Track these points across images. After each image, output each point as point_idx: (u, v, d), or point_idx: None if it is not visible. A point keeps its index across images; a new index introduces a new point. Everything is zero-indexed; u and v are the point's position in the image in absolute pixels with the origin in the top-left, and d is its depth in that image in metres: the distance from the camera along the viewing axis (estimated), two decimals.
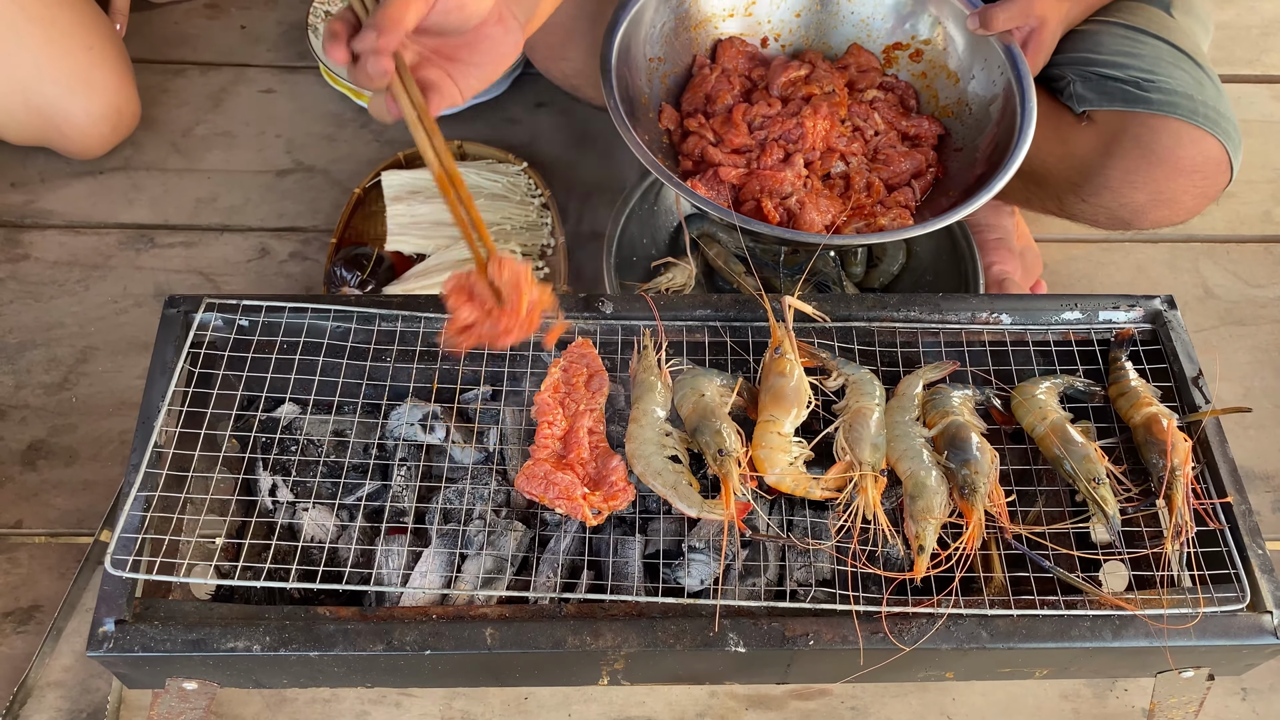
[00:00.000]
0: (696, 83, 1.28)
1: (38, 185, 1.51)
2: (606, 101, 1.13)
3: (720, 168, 1.20)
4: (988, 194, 1.10)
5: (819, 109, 1.23)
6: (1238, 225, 1.58)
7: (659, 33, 1.25)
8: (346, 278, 1.33)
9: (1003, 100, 1.21)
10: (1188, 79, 1.22)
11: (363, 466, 0.96)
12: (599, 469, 0.92)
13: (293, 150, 1.59)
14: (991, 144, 1.21)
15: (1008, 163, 1.13)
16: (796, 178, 1.19)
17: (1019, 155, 1.13)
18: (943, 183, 1.26)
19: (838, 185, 1.22)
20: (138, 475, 0.88)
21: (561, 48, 1.38)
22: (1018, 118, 1.17)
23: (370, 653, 0.83)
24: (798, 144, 1.22)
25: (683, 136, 1.25)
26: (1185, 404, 0.98)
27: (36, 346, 1.35)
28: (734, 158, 1.22)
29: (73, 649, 1.11)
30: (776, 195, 1.17)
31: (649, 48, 1.25)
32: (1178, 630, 0.85)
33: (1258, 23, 1.85)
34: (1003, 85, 1.22)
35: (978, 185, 1.15)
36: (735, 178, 1.19)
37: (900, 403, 0.97)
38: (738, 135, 1.22)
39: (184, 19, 1.75)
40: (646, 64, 1.24)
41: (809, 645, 0.84)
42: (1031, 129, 1.16)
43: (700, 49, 1.31)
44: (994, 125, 1.22)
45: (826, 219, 1.18)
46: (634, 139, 1.10)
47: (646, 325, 1.01)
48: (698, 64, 1.30)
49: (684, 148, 1.24)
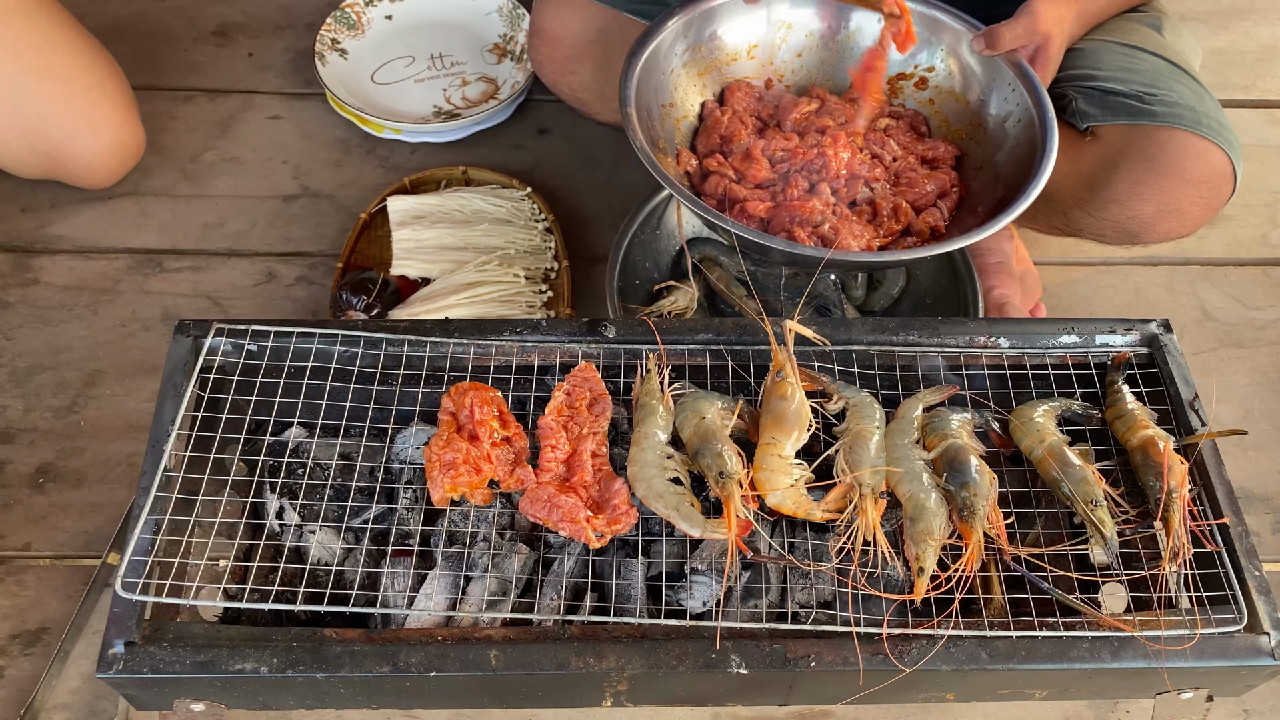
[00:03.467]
0: (709, 126, 1.29)
1: (48, 211, 1.53)
2: (627, 133, 1.14)
3: (747, 203, 1.20)
4: (1018, 209, 1.10)
5: (837, 138, 1.24)
6: (1235, 248, 1.59)
7: (669, 79, 1.27)
8: (353, 302, 1.34)
9: (1019, 115, 1.22)
10: (1188, 92, 1.24)
11: (369, 489, 0.97)
12: (602, 492, 0.92)
13: (299, 176, 1.61)
14: (1012, 160, 1.22)
15: (1034, 179, 1.12)
16: (825, 205, 1.19)
17: (1046, 169, 1.13)
18: (968, 200, 1.26)
19: (865, 212, 1.23)
20: (148, 498, 0.89)
21: (569, 63, 1.40)
22: (1038, 131, 1.18)
23: (376, 674, 0.83)
24: (821, 173, 1.22)
25: (703, 178, 1.26)
26: (1182, 427, 0.99)
27: (45, 370, 1.36)
28: (758, 193, 1.22)
29: (80, 671, 1.12)
30: (808, 224, 1.18)
31: (661, 94, 1.26)
32: (1176, 651, 0.86)
33: (1253, 48, 1.87)
34: (1016, 101, 1.23)
35: (1004, 202, 1.15)
36: (763, 211, 1.20)
37: (900, 425, 0.98)
38: (760, 170, 1.23)
39: (192, 47, 1.78)
40: (660, 109, 1.26)
41: (810, 667, 0.85)
42: (1055, 140, 1.16)
43: (709, 94, 1.33)
44: (1013, 141, 1.23)
45: (862, 243, 1.18)
46: (659, 170, 1.11)
47: (649, 349, 1.02)
48: (707, 109, 1.31)
49: (705, 188, 1.25)
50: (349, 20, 1.74)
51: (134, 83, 1.53)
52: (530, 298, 1.40)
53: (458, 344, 1.01)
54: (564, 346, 1.02)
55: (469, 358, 1.01)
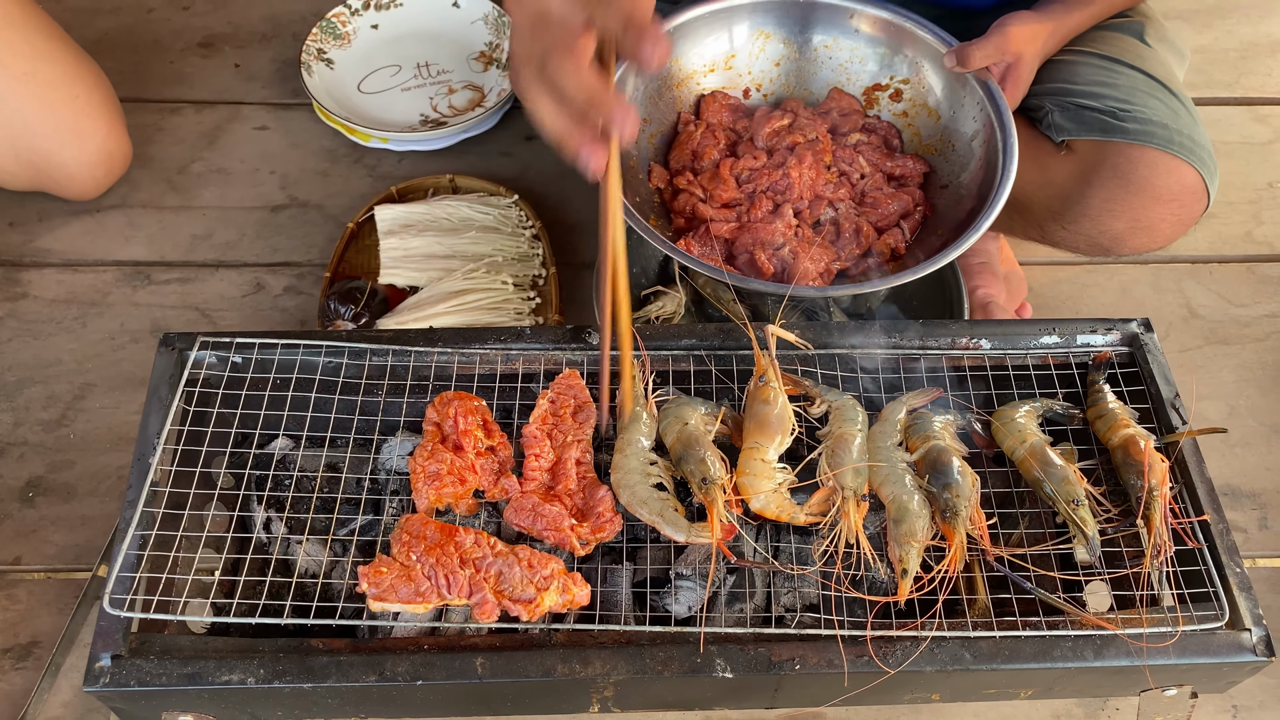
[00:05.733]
0: (682, 140, 1.30)
1: (35, 224, 1.54)
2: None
3: (712, 224, 1.21)
4: (975, 234, 1.13)
5: (804, 158, 1.25)
6: (1220, 245, 1.60)
7: (643, 94, 1.28)
8: (341, 311, 1.35)
9: (985, 135, 1.23)
10: (1163, 108, 1.24)
11: (355, 500, 0.98)
12: (587, 500, 0.93)
13: (287, 186, 1.61)
14: (976, 179, 1.23)
15: (992, 201, 1.15)
16: (787, 228, 1.21)
17: (1003, 194, 1.15)
18: (931, 220, 1.28)
19: (828, 232, 1.24)
20: (134, 513, 0.89)
21: None
22: (999, 154, 1.19)
23: (363, 684, 0.84)
24: (785, 194, 1.24)
25: (673, 194, 1.27)
26: (1163, 425, 1.00)
27: (35, 384, 1.37)
28: (724, 212, 1.23)
29: (71, 684, 1.12)
30: (769, 247, 1.19)
31: (636, 110, 1.27)
32: (1158, 649, 0.86)
33: (1236, 46, 1.88)
34: (983, 120, 1.24)
35: (967, 221, 1.17)
36: (727, 232, 1.21)
37: (883, 428, 0.98)
38: (726, 190, 1.24)
39: (179, 58, 1.78)
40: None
41: (795, 670, 0.85)
42: (1014, 165, 1.17)
43: (684, 106, 1.33)
44: (978, 160, 1.24)
45: (820, 267, 1.19)
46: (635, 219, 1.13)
47: (633, 355, 1.02)
48: (682, 121, 1.32)
49: (675, 205, 1.26)
50: (335, 30, 1.74)
51: (121, 94, 1.54)
52: (518, 305, 1.41)
53: (442, 353, 1.02)
54: (548, 354, 1.03)
55: (454, 366, 1.02)
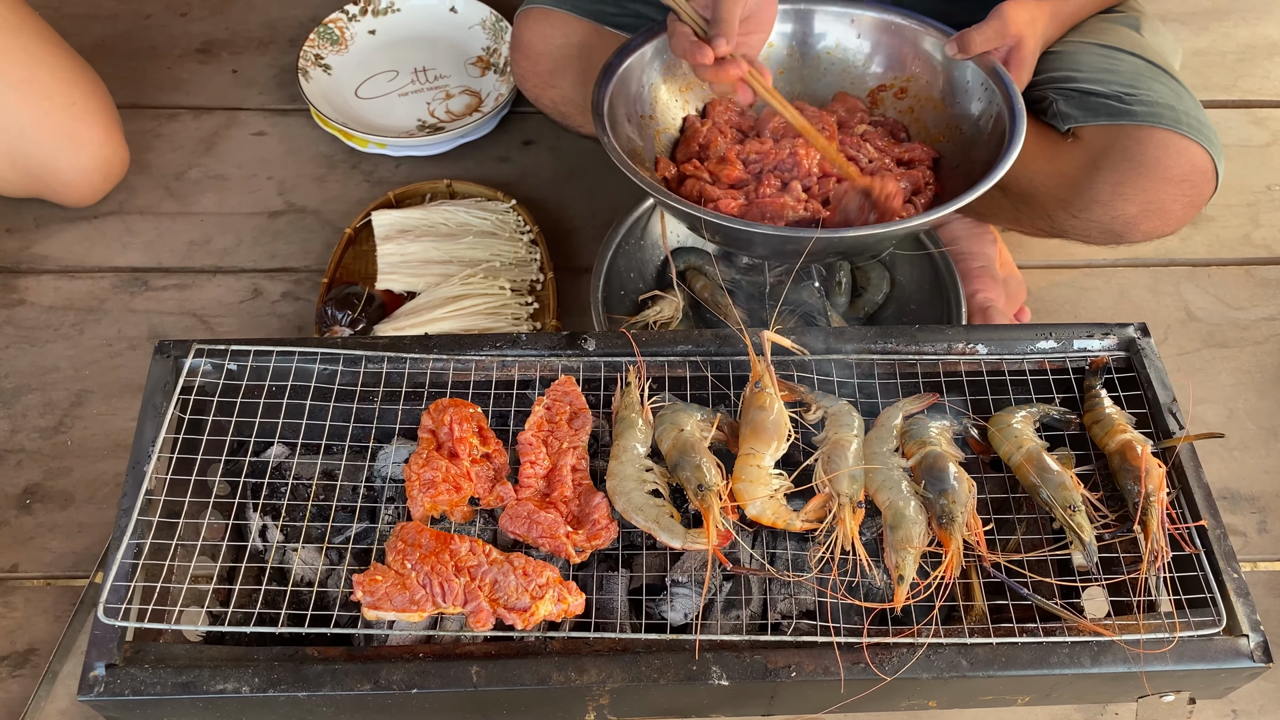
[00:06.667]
0: (689, 136, 1.30)
1: (33, 231, 1.54)
2: (598, 134, 1.15)
3: (720, 201, 1.21)
4: (989, 181, 1.10)
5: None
6: (1218, 248, 1.59)
7: (648, 93, 1.28)
8: (338, 317, 1.35)
9: (993, 114, 1.23)
10: (1167, 91, 1.24)
11: (350, 507, 0.98)
12: (582, 507, 0.93)
13: (284, 192, 1.61)
14: (987, 157, 1.22)
15: (1000, 162, 1.12)
16: (796, 202, 1.20)
17: (1012, 153, 1.13)
18: (942, 198, 1.27)
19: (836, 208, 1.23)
20: (129, 521, 0.89)
21: (551, 77, 1.41)
22: (1007, 123, 1.18)
23: (358, 692, 0.83)
24: (793, 171, 1.23)
25: (680, 182, 1.27)
26: (1159, 430, 0.99)
27: (32, 390, 1.36)
28: (732, 192, 1.23)
29: (69, 692, 1.12)
30: (779, 219, 1.18)
31: (640, 106, 1.27)
32: (1156, 655, 0.86)
33: (1233, 49, 1.88)
34: (989, 100, 1.23)
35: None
36: (735, 209, 1.20)
37: (879, 434, 0.98)
38: (734, 171, 1.23)
39: (176, 64, 1.78)
40: (639, 119, 1.27)
41: (791, 677, 0.85)
42: (1023, 127, 1.16)
43: (691, 109, 1.33)
44: (986, 137, 1.23)
45: None
46: (629, 165, 1.12)
47: (629, 361, 1.02)
48: (688, 122, 1.32)
49: (682, 191, 1.25)
50: (332, 36, 1.74)
51: (118, 101, 1.54)
52: (516, 310, 1.41)
53: (437, 359, 1.02)
54: (544, 360, 1.03)
55: (449, 373, 1.02)
